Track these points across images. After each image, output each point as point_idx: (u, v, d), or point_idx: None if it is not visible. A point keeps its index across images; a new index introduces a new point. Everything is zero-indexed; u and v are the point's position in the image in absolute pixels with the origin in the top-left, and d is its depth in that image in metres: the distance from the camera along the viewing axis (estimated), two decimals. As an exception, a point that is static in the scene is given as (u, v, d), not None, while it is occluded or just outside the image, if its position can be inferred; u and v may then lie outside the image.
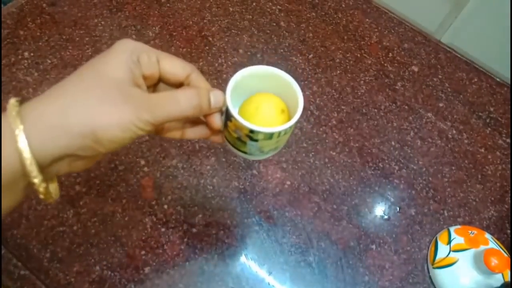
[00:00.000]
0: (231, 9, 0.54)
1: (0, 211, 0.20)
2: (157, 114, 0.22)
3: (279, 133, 0.25)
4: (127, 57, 0.22)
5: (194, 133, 0.27)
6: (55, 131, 0.19)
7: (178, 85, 0.25)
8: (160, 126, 0.24)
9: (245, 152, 0.27)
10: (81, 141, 0.20)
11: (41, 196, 0.21)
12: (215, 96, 0.24)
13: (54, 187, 0.23)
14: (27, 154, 0.19)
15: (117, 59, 0.21)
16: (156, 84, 0.25)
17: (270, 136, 0.24)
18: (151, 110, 0.21)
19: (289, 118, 0.26)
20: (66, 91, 0.20)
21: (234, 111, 0.24)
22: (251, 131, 0.24)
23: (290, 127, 0.25)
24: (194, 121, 0.27)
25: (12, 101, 0.20)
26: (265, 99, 0.27)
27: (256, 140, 0.25)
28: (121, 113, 0.20)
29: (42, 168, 0.20)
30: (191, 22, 0.52)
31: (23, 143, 0.19)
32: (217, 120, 0.25)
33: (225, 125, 0.26)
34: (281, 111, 0.26)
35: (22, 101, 0.21)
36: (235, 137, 0.26)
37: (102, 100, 0.20)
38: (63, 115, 0.20)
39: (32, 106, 0.20)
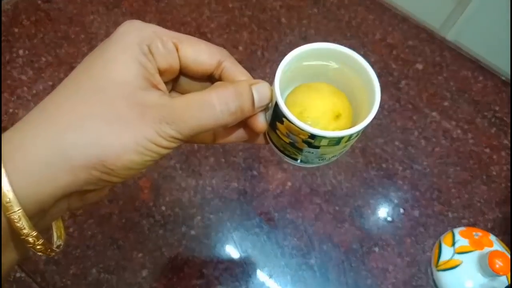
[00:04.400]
0: (230, 5, 0.53)
1: None
2: (185, 127, 0.16)
3: (350, 136, 0.19)
4: (134, 49, 0.16)
5: (229, 136, 0.21)
6: (51, 169, 0.15)
7: (206, 78, 0.19)
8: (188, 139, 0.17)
9: (299, 160, 0.21)
10: (87, 175, 0.15)
11: (40, 254, 0.16)
12: (259, 92, 0.18)
13: (58, 229, 0.19)
14: (13, 207, 0.14)
15: (122, 55, 0.16)
16: (176, 78, 0.19)
17: (337, 141, 0.19)
18: (175, 122, 0.16)
19: (349, 122, 0.20)
20: (58, 111, 0.15)
21: (287, 110, 0.18)
22: (312, 136, 0.18)
23: (365, 128, 0.19)
24: None
25: None
26: (314, 98, 0.20)
27: (317, 147, 0.19)
28: (135, 131, 0.15)
29: (43, 213, 0.16)
30: (189, 19, 0.51)
31: (6, 192, 0.14)
32: (261, 121, 0.19)
33: (272, 126, 0.20)
34: (334, 117, 0.20)
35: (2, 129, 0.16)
36: (286, 142, 0.20)
37: (107, 117, 0.15)
38: (59, 145, 0.15)
39: (15, 137, 0.15)
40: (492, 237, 0.38)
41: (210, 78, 0.19)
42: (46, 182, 0.15)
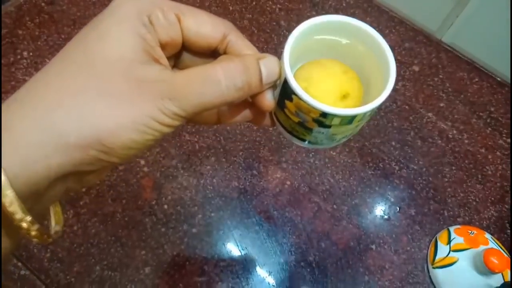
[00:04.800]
0: (230, 8, 0.53)
1: None
2: (188, 103, 0.15)
3: (364, 114, 0.17)
4: (133, 20, 0.15)
5: (234, 117, 0.19)
6: (42, 148, 0.13)
7: (209, 53, 0.18)
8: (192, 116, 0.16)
9: (308, 141, 0.20)
10: (82, 154, 0.14)
11: (35, 240, 0.15)
12: (267, 67, 0.17)
13: (56, 214, 0.18)
14: (4, 190, 0.13)
15: (119, 27, 0.14)
16: (178, 54, 0.18)
17: (350, 120, 0.17)
18: (178, 98, 0.15)
19: (357, 103, 0.19)
20: (48, 87, 0.14)
21: (297, 86, 0.17)
22: (323, 114, 0.17)
23: (380, 105, 0.17)
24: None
25: None
26: (321, 75, 0.19)
27: (328, 127, 0.18)
28: (134, 107, 0.14)
29: (38, 196, 0.15)
30: (191, 21, 0.51)
31: None
32: (268, 99, 0.18)
33: (280, 104, 0.18)
34: (341, 97, 0.18)
35: None
36: (294, 122, 0.19)
37: (102, 92, 0.14)
38: (49, 123, 0.13)
39: (4, 116, 0.14)
40: (487, 235, 0.39)
41: (214, 54, 0.18)
42: (37, 162, 0.13)
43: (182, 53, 0.18)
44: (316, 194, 0.42)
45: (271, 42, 0.51)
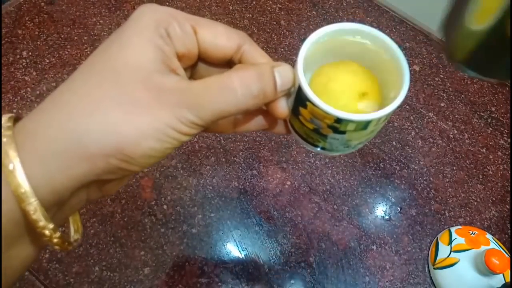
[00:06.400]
0: (230, 7, 0.53)
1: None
2: (205, 111, 0.15)
3: (379, 119, 0.18)
4: (151, 32, 0.15)
5: (249, 124, 0.20)
6: (65, 157, 0.14)
7: (225, 63, 0.18)
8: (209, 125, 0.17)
9: (322, 148, 0.20)
10: (104, 163, 0.14)
11: (57, 247, 0.15)
12: (281, 75, 0.17)
13: (75, 222, 0.18)
14: (28, 198, 0.13)
15: (138, 38, 0.15)
16: (193, 65, 0.18)
17: (365, 125, 0.18)
18: (195, 107, 0.15)
19: (375, 104, 0.19)
20: (73, 97, 0.15)
21: (311, 93, 0.17)
22: (338, 120, 0.17)
23: (393, 111, 0.18)
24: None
25: (4, 120, 0.14)
26: (339, 73, 0.19)
27: (343, 132, 0.18)
28: (153, 116, 0.15)
29: (60, 205, 0.15)
30: (190, 21, 0.51)
31: (21, 182, 0.13)
32: (282, 107, 0.18)
33: (295, 112, 0.19)
34: (360, 94, 0.19)
35: (17, 119, 0.15)
36: (309, 129, 0.19)
37: (123, 102, 0.14)
38: (73, 133, 0.14)
39: (29, 125, 0.14)
40: (488, 236, 0.39)
41: (229, 64, 0.19)
42: (61, 171, 0.14)
43: (197, 64, 0.18)
44: (316, 194, 0.42)
45: (271, 41, 0.51)
